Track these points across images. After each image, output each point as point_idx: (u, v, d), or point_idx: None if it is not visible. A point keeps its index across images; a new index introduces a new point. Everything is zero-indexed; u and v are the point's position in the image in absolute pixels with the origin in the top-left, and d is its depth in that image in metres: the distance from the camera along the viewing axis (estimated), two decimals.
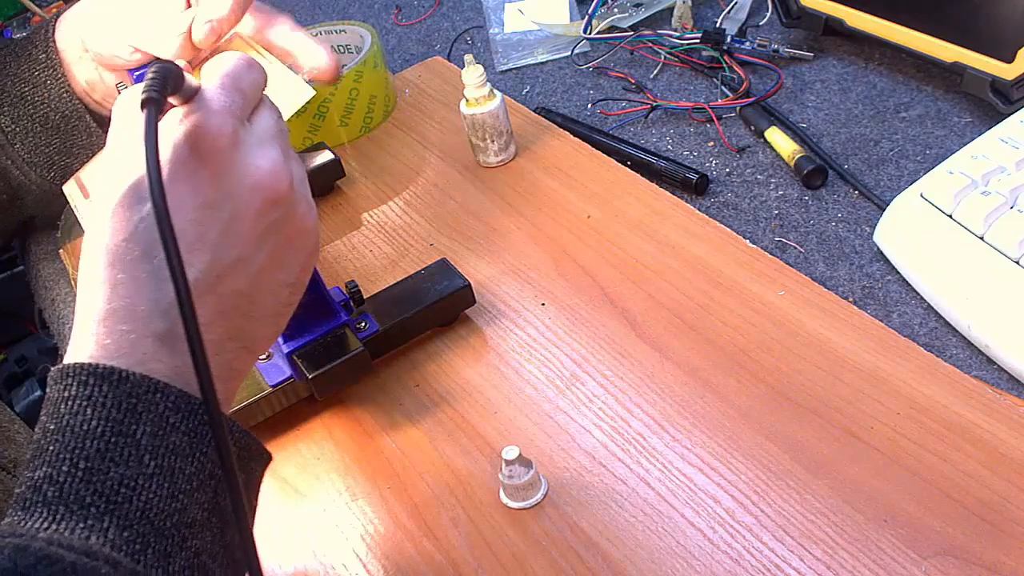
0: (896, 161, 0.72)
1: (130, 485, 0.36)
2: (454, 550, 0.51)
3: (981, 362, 0.56)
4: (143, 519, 0.36)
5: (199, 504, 0.38)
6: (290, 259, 0.44)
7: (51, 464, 0.36)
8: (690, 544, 0.48)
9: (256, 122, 0.44)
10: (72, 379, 0.37)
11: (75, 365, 0.38)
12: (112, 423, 0.37)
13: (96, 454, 0.36)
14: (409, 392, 0.61)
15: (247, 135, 0.43)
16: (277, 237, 0.43)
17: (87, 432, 0.36)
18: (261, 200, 0.42)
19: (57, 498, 0.35)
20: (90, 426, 0.36)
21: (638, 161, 0.77)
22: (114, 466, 0.36)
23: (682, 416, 0.54)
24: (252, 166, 0.42)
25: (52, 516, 0.35)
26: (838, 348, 0.55)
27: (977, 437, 0.49)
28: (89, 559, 0.33)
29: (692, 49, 0.87)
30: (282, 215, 0.43)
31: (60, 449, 0.36)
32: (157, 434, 0.37)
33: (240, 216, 0.41)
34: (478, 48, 1.03)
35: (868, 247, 0.65)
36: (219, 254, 0.41)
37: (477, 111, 0.75)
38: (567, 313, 0.63)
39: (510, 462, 0.51)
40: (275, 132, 0.44)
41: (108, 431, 0.36)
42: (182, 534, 0.37)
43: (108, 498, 0.35)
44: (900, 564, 0.45)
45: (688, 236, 0.66)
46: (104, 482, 0.36)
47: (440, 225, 0.75)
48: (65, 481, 0.35)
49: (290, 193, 0.43)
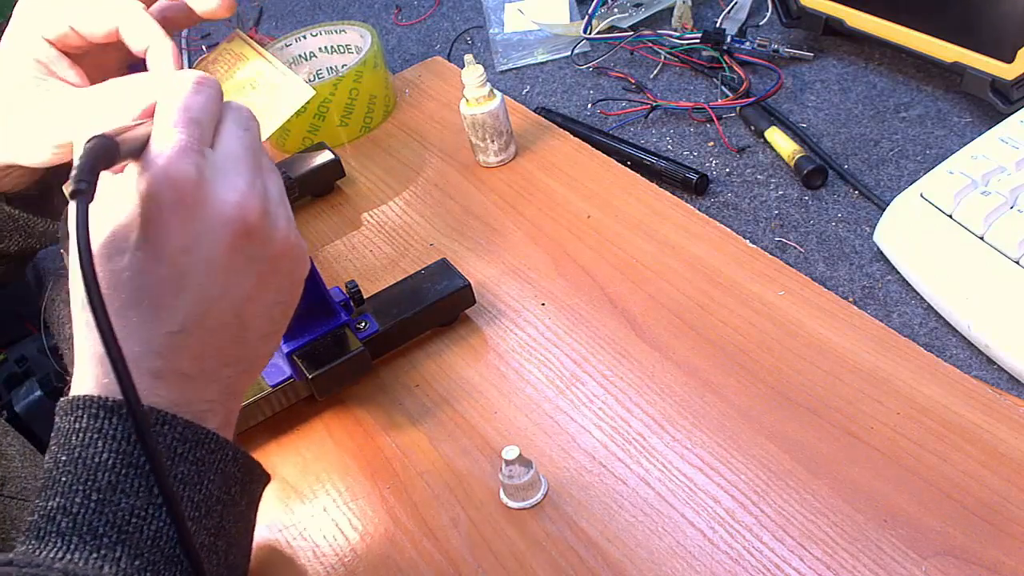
0: (896, 161, 0.72)
1: (140, 515, 0.37)
2: (454, 550, 0.51)
3: (981, 362, 0.56)
4: (153, 547, 0.37)
5: (206, 529, 0.39)
6: (277, 280, 0.44)
7: (64, 495, 0.37)
8: (690, 544, 0.48)
9: (219, 147, 0.43)
10: (83, 411, 0.38)
11: (85, 397, 0.39)
12: (122, 455, 0.38)
13: (108, 486, 0.37)
14: (409, 392, 0.61)
15: (210, 168, 0.42)
16: (258, 264, 0.43)
17: (99, 464, 0.37)
18: (233, 235, 0.42)
19: (71, 528, 0.36)
20: (101, 458, 0.38)
21: (638, 161, 0.77)
22: (125, 497, 0.37)
23: (682, 416, 0.54)
24: (219, 202, 0.41)
25: (66, 546, 0.36)
26: (838, 348, 0.55)
27: (977, 437, 0.49)
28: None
29: (692, 49, 0.87)
30: (259, 242, 0.43)
31: (73, 480, 0.37)
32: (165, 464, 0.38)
33: (216, 254, 0.41)
34: (478, 48, 1.03)
35: (868, 247, 0.65)
36: (202, 294, 0.41)
37: (477, 111, 0.75)
38: (567, 313, 0.63)
39: (510, 462, 0.51)
40: (240, 153, 0.43)
41: (119, 463, 0.38)
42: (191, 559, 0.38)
43: (120, 528, 0.37)
44: (900, 564, 0.45)
45: (688, 236, 0.66)
46: (116, 513, 0.37)
47: (440, 225, 0.75)
48: (78, 512, 0.37)
49: (262, 220, 0.43)
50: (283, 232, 0.44)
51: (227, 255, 0.42)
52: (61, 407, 0.40)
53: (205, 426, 0.41)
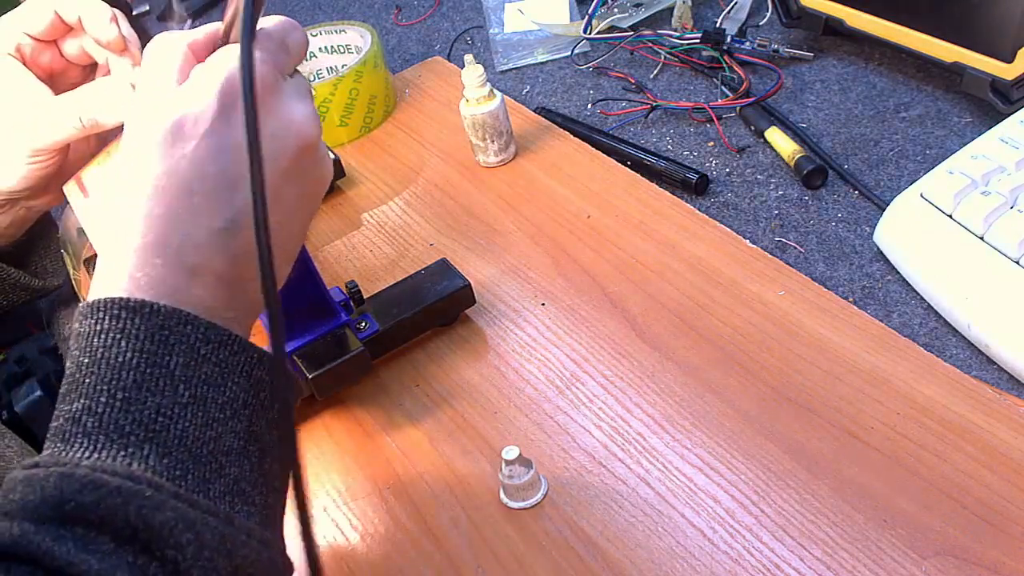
0: (896, 161, 0.72)
1: (166, 414, 0.37)
2: (454, 550, 0.51)
3: (981, 362, 0.56)
4: (181, 446, 0.37)
5: (234, 432, 0.39)
6: (307, 205, 0.46)
7: (88, 396, 0.37)
8: (690, 544, 0.48)
9: (294, 79, 0.46)
10: (104, 312, 0.38)
11: (106, 300, 0.38)
12: (146, 354, 0.38)
13: (133, 385, 0.37)
14: (409, 392, 0.61)
15: (287, 85, 0.44)
16: (305, 179, 0.45)
17: (122, 364, 0.37)
18: (297, 145, 0.43)
19: (97, 428, 0.36)
20: (125, 358, 0.37)
21: (638, 161, 0.77)
22: (150, 396, 0.37)
23: (682, 416, 0.54)
24: (292, 112, 0.43)
25: (93, 445, 0.36)
26: (838, 348, 0.55)
27: (977, 437, 0.49)
28: (133, 483, 0.34)
29: (692, 49, 0.87)
30: (313, 162, 0.45)
31: (97, 381, 0.37)
32: (189, 364, 0.38)
33: (279, 156, 0.42)
34: (478, 48, 1.03)
35: (868, 247, 0.65)
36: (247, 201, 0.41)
37: (477, 111, 0.75)
38: (567, 313, 0.63)
39: (510, 462, 0.51)
40: (308, 91, 0.46)
41: (143, 362, 0.37)
42: (219, 461, 0.38)
43: (146, 427, 0.37)
44: (900, 564, 0.45)
45: (688, 236, 0.66)
46: (142, 411, 0.37)
47: (440, 225, 0.75)
48: (104, 412, 0.36)
49: (319, 143, 0.45)
50: (329, 163, 0.47)
51: (288, 162, 0.43)
52: (81, 312, 0.39)
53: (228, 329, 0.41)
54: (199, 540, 0.35)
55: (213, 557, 0.35)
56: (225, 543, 0.36)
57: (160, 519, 0.34)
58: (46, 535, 0.32)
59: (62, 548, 0.32)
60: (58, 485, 0.33)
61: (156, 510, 0.34)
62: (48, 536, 0.32)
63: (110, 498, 0.33)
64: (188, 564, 0.34)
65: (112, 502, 0.33)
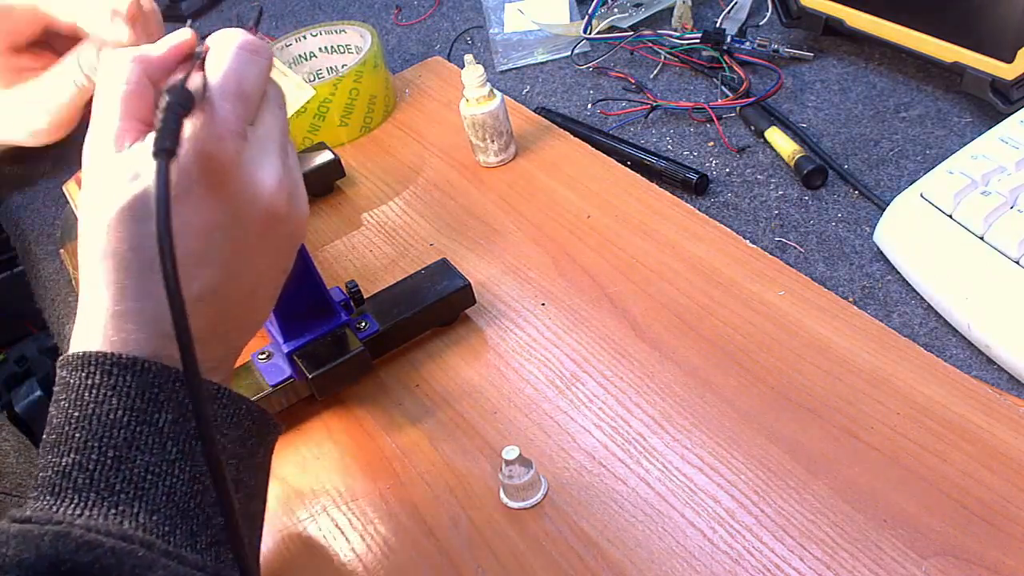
0: (896, 161, 0.72)
1: (155, 472, 0.38)
2: (454, 550, 0.51)
3: (981, 362, 0.56)
4: (169, 503, 0.38)
5: None
6: (290, 253, 0.46)
7: (79, 451, 0.37)
8: (690, 544, 0.48)
9: (259, 125, 0.43)
10: (95, 367, 0.39)
11: (97, 354, 0.39)
12: (136, 412, 0.38)
13: (123, 443, 0.38)
14: (409, 392, 0.61)
15: (251, 148, 0.42)
16: (277, 242, 0.45)
17: (113, 421, 0.38)
18: (264, 220, 0.43)
19: (88, 485, 0.37)
20: (116, 415, 0.38)
21: (638, 161, 0.77)
22: (140, 454, 0.38)
23: (682, 416, 0.54)
24: (257, 185, 0.42)
25: (84, 503, 0.36)
26: (838, 348, 0.55)
27: (977, 437, 0.49)
28: (126, 543, 0.35)
29: (692, 49, 0.87)
30: (285, 225, 0.44)
31: (87, 437, 0.37)
32: (178, 420, 0.39)
33: (246, 235, 0.42)
34: (478, 48, 1.03)
35: (868, 247, 0.65)
36: (226, 269, 0.42)
37: (477, 111, 0.75)
38: (567, 313, 0.63)
39: (510, 462, 0.51)
40: (277, 135, 0.44)
41: (133, 420, 0.38)
42: (206, 513, 0.39)
43: (136, 485, 0.37)
44: (900, 564, 0.45)
45: (688, 236, 0.66)
46: (132, 469, 0.37)
47: (440, 225, 0.75)
48: (95, 469, 0.37)
49: (290, 204, 0.44)
50: (303, 212, 0.46)
51: (256, 238, 0.43)
52: (68, 362, 0.39)
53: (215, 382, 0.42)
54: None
55: None
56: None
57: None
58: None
59: None
60: (54, 545, 0.34)
61: (148, 569, 0.35)
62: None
63: (105, 558, 0.34)
64: None
65: (107, 562, 0.34)
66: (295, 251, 0.47)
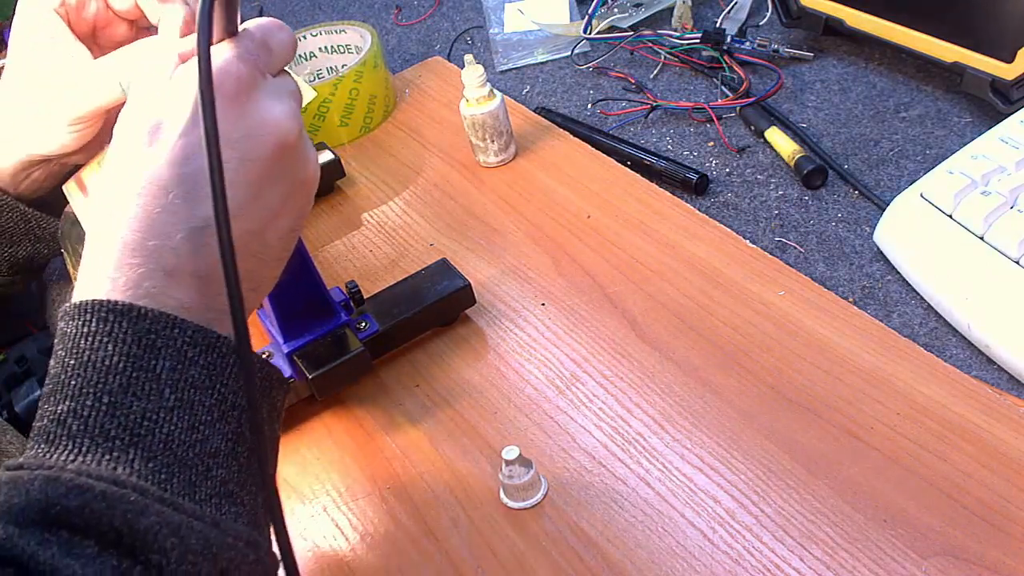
0: (896, 161, 0.72)
1: (152, 418, 0.37)
2: (454, 550, 0.51)
3: (981, 362, 0.56)
4: (166, 450, 0.37)
5: (222, 434, 0.39)
6: (297, 206, 0.46)
7: (74, 398, 0.37)
8: (690, 544, 0.48)
9: (276, 79, 0.45)
10: (91, 315, 0.38)
11: (94, 302, 0.38)
12: (133, 358, 0.38)
13: (119, 388, 0.37)
14: (409, 392, 0.61)
15: (268, 86, 0.44)
16: (288, 182, 0.44)
17: (109, 367, 0.37)
18: (275, 144, 0.43)
19: (82, 431, 0.36)
20: (111, 361, 0.37)
21: (638, 161, 0.77)
22: (136, 400, 0.37)
23: (682, 416, 0.54)
24: (269, 112, 0.43)
25: (78, 449, 0.36)
26: (838, 348, 0.55)
27: (977, 437, 0.49)
28: (118, 487, 0.34)
29: (692, 49, 0.87)
30: (294, 161, 0.44)
31: (83, 384, 0.37)
32: (176, 368, 0.38)
33: (255, 157, 0.42)
34: (478, 48, 1.03)
35: (868, 247, 0.65)
36: (234, 192, 0.41)
37: (477, 111, 0.75)
38: (567, 313, 0.63)
39: (510, 462, 0.51)
40: (290, 91, 0.46)
41: (129, 366, 0.37)
42: (206, 464, 0.38)
43: (132, 431, 0.36)
44: (900, 564, 0.45)
45: (688, 236, 0.66)
46: (127, 415, 0.37)
47: (440, 225, 0.75)
48: (89, 415, 0.36)
49: (300, 141, 0.45)
50: (313, 163, 0.46)
51: (266, 162, 0.43)
52: (66, 312, 0.39)
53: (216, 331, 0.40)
54: (183, 544, 0.35)
55: (197, 561, 0.35)
56: (210, 547, 0.36)
57: (144, 523, 0.34)
58: (30, 539, 0.32)
59: (46, 552, 0.32)
60: (43, 489, 0.33)
61: (140, 514, 0.34)
62: (32, 540, 0.32)
63: (95, 503, 0.33)
64: (172, 568, 0.34)
65: (97, 507, 0.33)
66: (308, 203, 0.47)
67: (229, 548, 0.36)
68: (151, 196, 0.40)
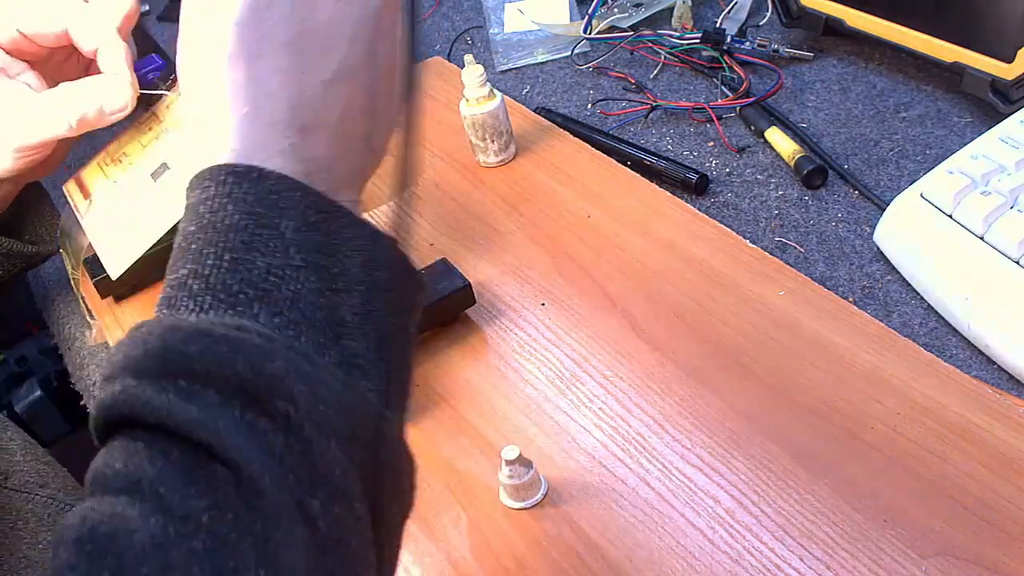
0: (896, 161, 0.72)
1: (278, 274, 0.34)
2: (454, 550, 0.51)
3: (981, 362, 0.56)
4: (293, 308, 0.34)
5: (349, 306, 0.36)
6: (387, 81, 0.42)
7: (195, 260, 0.35)
8: (690, 544, 0.48)
9: None
10: (210, 180, 0.36)
11: (212, 168, 0.36)
12: (255, 216, 0.35)
13: (241, 245, 0.35)
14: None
15: None
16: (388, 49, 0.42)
17: (230, 226, 0.35)
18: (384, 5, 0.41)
19: (204, 289, 0.34)
20: (232, 220, 0.35)
21: (638, 161, 0.77)
22: (260, 256, 0.35)
23: (682, 416, 0.54)
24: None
25: (200, 307, 0.33)
26: (838, 348, 0.55)
27: (977, 437, 0.49)
28: (241, 332, 0.32)
29: (692, 49, 0.87)
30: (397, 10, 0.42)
31: (203, 245, 0.35)
32: (300, 229, 0.36)
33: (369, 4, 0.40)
34: (478, 48, 1.03)
35: (868, 247, 0.65)
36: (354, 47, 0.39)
37: (477, 111, 0.75)
38: (567, 313, 0.63)
39: (510, 462, 0.51)
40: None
41: (252, 223, 0.35)
42: (335, 331, 0.35)
43: (257, 286, 0.34)
44: (900, 564, 0.45)
45: (688, 236, 0.66)
46: (252, 271, 0.34)
47: (440, 225, 0.75)
48: (211, 273, 0.34)
49: None
50: None
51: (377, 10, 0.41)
52: (189, 185, 0.37)
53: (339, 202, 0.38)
54: (313, 394, 0.32)
55: (329, 414, 0.32)
56: (342, 403, 0.33)
57: (271, 368, 0.31)
58: (146, 387, 0.30)
59: (161, 398, 0.30)
60: (161, 336, 0.31)
61: (266, 358, 0.31)
62: (149, 388, 0.30)
63: (216, 347, 0.31)
64: (300, 418, 0.31)
65: (218, 350, 0.31)
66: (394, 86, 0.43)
67: (361, 413, 0.33)
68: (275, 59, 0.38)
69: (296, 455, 0.31)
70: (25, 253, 0.71)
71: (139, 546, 0.28)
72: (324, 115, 0.38)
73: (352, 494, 0.32)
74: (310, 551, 0.31)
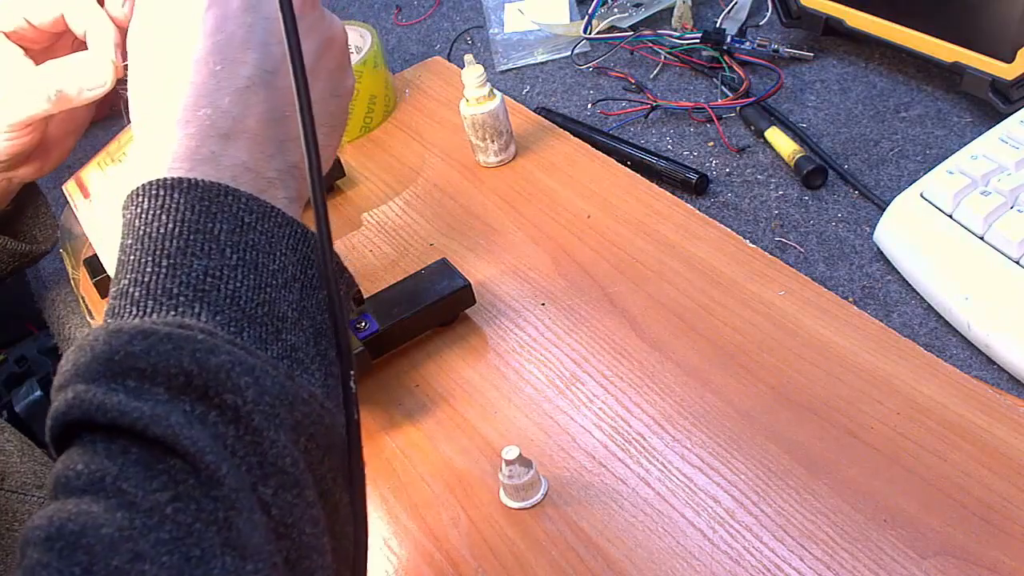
0: (896, 161, 0.72)
1: (215, 275, 0.36)
2: (454, 550, 0.51)
3: (981, 362, 0.56)
4: (233, 305, 0.35)
5: (287, 301, 0.37)
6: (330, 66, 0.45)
7: (135, 270, 0.36)
8: (690, 544, 0.48)
9: None
10: (142, 196, 0.37)
11: (145, 184, 0.38)
12: (188, 223, 0.36)
13: (177, 251, 0.36)
14: (409, 392, 0.61)
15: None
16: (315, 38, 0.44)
17: (165, 235, 0.36)
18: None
19: (144, 295, 0.35)
20: (167, 229, 0.36)
21: (638, 161, 0.77)
22: (196, 259, 0.36)
23: (682, 416, 0.54)
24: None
25: (142, 311, 0.34)
26: (838, 348, 0.55)
27: (977, 437, 0.49)
28: (183, 330, 0.33)
29: (692, 49, 0.87)
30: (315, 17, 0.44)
31: (141, 255, 0.36)
32: (235, 231, 0.37)
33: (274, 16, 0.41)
34: (478, 48, 1.03)
35: (868, 247, 0.65)
36: (267, 51, 0.41)
37: (477, 111, 0.75)
38: (567, 313, 0.63)
39: (510, 462, 0.51)
40: None
41: (186, 230, 0.36)
42: (275, 325, 0.36)
43: (195, 287, 0.35)
44: (900, 564, 0.45)
45: (688, 236, 0.66)
46: (189, 274, 0.35)
47: (440, 225, 0.75)
48: (150, 280, 0.35)
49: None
50: (337, 21, 0.45)
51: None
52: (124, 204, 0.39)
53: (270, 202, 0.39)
54: (259, 385, 0.33)
55: (275, 404, 0.33)
56: (288, 394, 0.34)
57: (215, 362, 0.32)
58: (97, 390, 0.31)
59: (112, 399, 0.31)
60: (107, 341, 0.32)
61: (211, 353, 0.32)
62: (99, 391, 0.31)
63: (160, 344, 0.32)
64: (248, 408, 0.32)
65: (163, 348, 0.32)
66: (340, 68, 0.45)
67: (304, 403, 0.34)
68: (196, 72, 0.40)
69: (247, 445, 0.32)
70: (19, 251, 0.72)
71: (108, 539, 0.28)
72: (243, 121, 0.40)
73: (303, 482, 0.34)
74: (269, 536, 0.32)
